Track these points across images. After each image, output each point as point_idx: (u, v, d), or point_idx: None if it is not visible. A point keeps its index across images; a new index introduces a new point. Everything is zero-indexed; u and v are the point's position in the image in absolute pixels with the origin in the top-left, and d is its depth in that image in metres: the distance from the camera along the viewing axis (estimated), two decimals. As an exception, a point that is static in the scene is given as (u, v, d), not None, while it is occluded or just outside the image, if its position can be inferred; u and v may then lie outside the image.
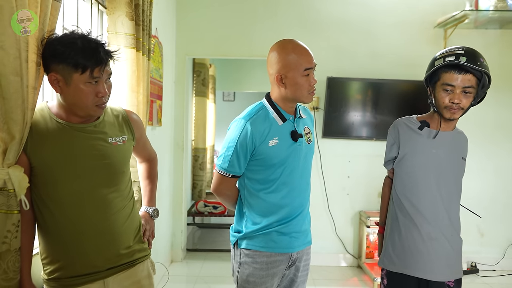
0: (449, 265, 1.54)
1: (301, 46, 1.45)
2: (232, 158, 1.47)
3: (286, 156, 1.47)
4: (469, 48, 1.46)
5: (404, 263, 1.56)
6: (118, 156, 1.34)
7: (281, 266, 1.53)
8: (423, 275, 1.53)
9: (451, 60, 1.43)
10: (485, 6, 3.18)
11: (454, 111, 1.48)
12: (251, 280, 1.51)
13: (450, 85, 1.45)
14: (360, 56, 3.61)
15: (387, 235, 1.65)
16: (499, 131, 3.63)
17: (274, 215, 1.50)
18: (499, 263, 3.63)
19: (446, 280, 1.53)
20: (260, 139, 1.45)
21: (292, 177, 1.50)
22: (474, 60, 1.42)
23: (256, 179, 1.50)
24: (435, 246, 1.53)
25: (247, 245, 1.52)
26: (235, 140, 1.46)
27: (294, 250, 1.53)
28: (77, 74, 1.17)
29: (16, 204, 1.16)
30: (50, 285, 1.28)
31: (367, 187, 3.65)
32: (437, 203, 1.53)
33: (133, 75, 1.99)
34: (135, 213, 1.43)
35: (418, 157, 1.56)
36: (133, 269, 1.38)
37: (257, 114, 1.48)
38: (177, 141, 3.68)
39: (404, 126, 1.61)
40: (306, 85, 1.45)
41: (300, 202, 1.54)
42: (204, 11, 3.61)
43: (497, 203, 3.64)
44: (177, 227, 3.72)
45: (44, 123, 1.24)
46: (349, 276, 3.51)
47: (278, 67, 1.44)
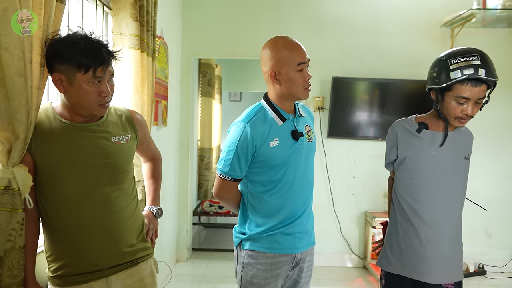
0: (447, 268, 1.51)
1: (293, 41, 1.44)
2: (233, 161, 1.45)
3: (287, 156, 1.46)
4: (482, 53, 1.40)
5: (401, 264, 1.55)
6: (121, 155, 1.35)
7: (285, 267, 1.52)
8: (418, 277, 1.51)
9: (470, 74, 1.36)
10: (493, 4, 3.14)
11: (464, 121, 1.46)
12: (255, 281, 1.50)
13: (466, 98, 1.40)
14: (365, 56, 3.59)
15: (386, 236, 1.64)
16: (508, 131, 3.59)
17: (277, 216, 1.49)
18: (507, 264, 3.58)
19: (442, 282, 1.51)
20: (261, 141, 1.43)
21: (295, 177, 1.49)
22: (490, 70, 1.38)
23: (259, 181, 1.49)
24: (433, 249, 1.51)
25: (250, 247, 1.51)
26: (235, 143, 1.44)
27: (298, 250, 1.52)
28: (80, 74, 1.19)
29: (20, 202, 1.18)
30: (54, 282, 1.30)
31: (373, 188, 3.63)
32: (437, 206, 1.51)
33: (137, 75, 2.01)
34: (139, 212, 1.45)
35: (417, 160, 1.53)
36: (136, 268, 1.39)
37: (256, 116, 1.47)
38: (182, 141, 3.70)
39: (402, 129, 1.58)
40: (301, 80, 1.43)
41: (303, 201, 1.53)
42: (209, 12, 3.63)
43: (506, 204, 3.59)
44: (182, 226, 3.74)
45: (48, 123, 1.26)
46: (354, 276, 3.50)
47: (271, 64, 1.43)
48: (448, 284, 1.52)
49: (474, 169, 3.52)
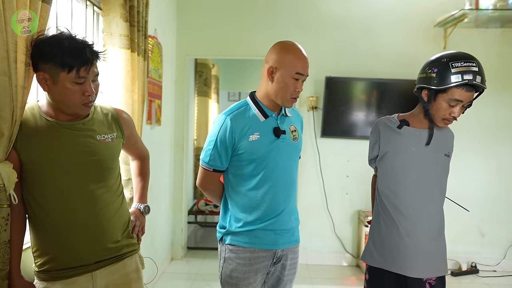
0: (428, 262, 1.54)
1: (302, 53, 1.50)
2: (213, 152, 1.52)
3: (267, 151, 1.50)
4: (477, 60, 1.45)
5: (383, 258, 1.58)
6: (106, 153, 1.38)
7: (265, 262, 1.54)
8: (400, 270, 1.54)
9: (469, 80, 1.41)
10: (485, 5, 3.16)
11: (449, 122, 1.52)
12: (234, 275, 1.53)
13: (458, 101, 1.45)
14: (359, 55, 3.61)
15: (370, 231, 1.67)
16: (500, 131, 3.60)
17: (256, 212, 1.52)
18: (500, 263, 3.60)
19: (424, 277, 1.54)
20: (240, 134, 1.48)
21: (275, 173, 1.52)
22: (483, 77, 1.44)
23: (239, 174, 1.53)
24: (413, 243, 1.54)
25: (231, 241, 1.54)
26: (215, 135, 1.51)
27: (278, 247, 1.55)
28: (64, 73, 1.21)
29: (5, 198, 1.21)
30: (40, 277, 1.32)
31: (366, 187, 3.58)
32: (417, 201, 1.54)
33: (127, 75, 2.04)
34: (124, 209, 1.47)
35: (398, 155, 1.58)
36: (121, 263, 1.41)
37: (238, 110, 1.53)
38: (177, 140, 3.73)
39: (384, 126, 1.63)
40: (291, 89, 1.48)
41: (284, 198, 1.55)
42: (204, 11, 3.66)
43: (499, 203, 3.61)
44: (177, 225, 3.77)
45: (34, 121, 1.28)
46: (347, 275, 3.52)
47: (274, 60, 1.49)
48: (429, 278, 1.54)
49: (467, 169, 3.56)
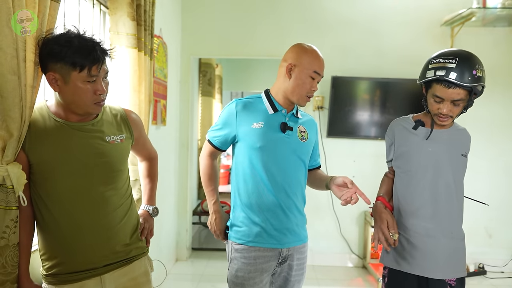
0: (449, 263, 1.52)
1: (319, 55, 1.56)
2: (216, 129, 1.62)
3: (269, 142, 1.52)
4: (464, 57, 1.42)
5: (404, 261, 1.55)
6: (115, 154, 1.35)
7: (270, 262, 1.54)
8: (422, 272, 1.52)
9: (440, 76, 1.41)
10: (492, 3, 3.13)
11: (443, 120, 1.49)
12: (239, 275, 1.53)
13: (440, 98, 1.45)
14: (365, 55, 3.58)
15: None
16: (509, 129, 3.57)
17: (258, 205, 1.54)
18: (508, 264, 3.57)
19: (446, 278, 1.52)
20: (245, 119, 1.54)
21: (278, 168, 1.53)
22: (464, 75, 1.39)
23: (243, 161, 1.56)
24: (434, 244, 1.52)
25: (235, 237, 1.57)
26: (223, 115, 1.61)
27: (283, 246, 1.55)
28: (75, 73, 1.19)
29: (14, 200, 1.19)
30: (48, 280, 1.30)
31: (372, 187, 3.56)
32: (435, 201, 1.52)
33: (134, 74, 2.01)
34: (133, 211, 1.45)
35: (414, 156, 1.56)
36: (130, 266, 1.39)
37: (249, 99, 1.60)
38: (182, 140, 3.71)
39: (400, 127, 1.62)
40: (308, 87, 1.53)
41: (288, 195, 1.55)
42: (208, 12, 3.63)
43: (507, 203, 3.58)
44: (182, 226, 3.75)
45: (42, 121, 1.26)
46: (353, 276, 3.49)
47: (293, 58, 1.54)
48: (450, 280, 1.52)
49: (474, 168, 3.52)
